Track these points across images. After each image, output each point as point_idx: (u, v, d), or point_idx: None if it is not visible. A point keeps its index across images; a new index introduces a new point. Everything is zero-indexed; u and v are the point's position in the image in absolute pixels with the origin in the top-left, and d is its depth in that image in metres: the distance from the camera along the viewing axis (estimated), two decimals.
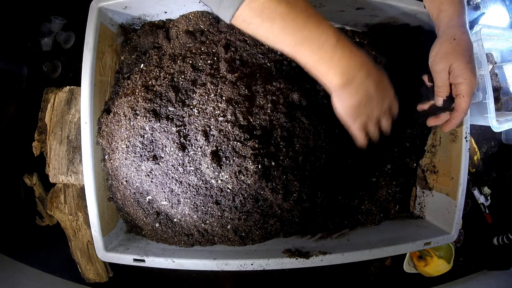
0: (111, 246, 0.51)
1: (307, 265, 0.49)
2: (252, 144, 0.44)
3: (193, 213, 0.48)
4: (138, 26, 0.56)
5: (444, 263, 0.69)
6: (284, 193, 0.47)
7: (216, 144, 0.45)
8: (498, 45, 0.76)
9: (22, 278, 0.66)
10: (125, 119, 0.48)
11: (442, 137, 0.59)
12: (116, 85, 0.55)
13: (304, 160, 0.48)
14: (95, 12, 0.49)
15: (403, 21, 0.56)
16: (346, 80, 0.37)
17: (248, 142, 0.44)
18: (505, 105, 0.78)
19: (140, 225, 0.54)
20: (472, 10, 0.80)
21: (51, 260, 0.68)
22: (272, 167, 0.46)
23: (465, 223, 0.77)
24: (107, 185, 0.54)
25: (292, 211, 0.50)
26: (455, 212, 0.54)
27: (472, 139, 0.79)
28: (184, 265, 0.48)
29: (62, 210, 0.62)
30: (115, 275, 0.67)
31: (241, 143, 0.44)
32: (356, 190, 0.58)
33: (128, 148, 0.48)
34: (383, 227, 0.59)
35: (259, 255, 0.49)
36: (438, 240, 0.54)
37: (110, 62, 0.54)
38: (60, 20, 0.66)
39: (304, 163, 0.48)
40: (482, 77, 0.64)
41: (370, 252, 0.50)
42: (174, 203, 0.48)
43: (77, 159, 0.61)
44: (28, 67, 0.68)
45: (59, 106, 0.62)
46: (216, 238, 0.52)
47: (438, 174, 0.59)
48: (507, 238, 0.76)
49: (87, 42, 0.49)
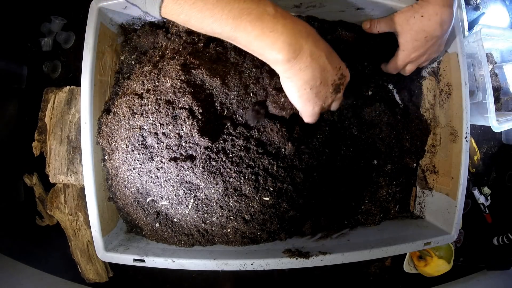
0: (111, 246, 0.51)
1: (307, 265, 0.49)
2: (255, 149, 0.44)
3: (193, 213, 0.48)
4: (138, 26, 0.56)
5: (444, 263, 0.69)
6: (287, 200, 0.47)
7: (217, 145, 0.45)
8: (498, 45, 0.76)
9: (22, 278, 0.66)
10: (125, 119, 0.48)
11: (442, 137, 0.59)
12: (116, 85, 0.55)
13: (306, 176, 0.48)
14: (95, 12, 0.49)
15: None
16: (293, 52, 0.32)
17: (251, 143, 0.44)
18: (505, 105, 0.78)
19: (140, 225, 0.54)
20: (472, 10, 0.80)
21: (51, 260, 0.68)
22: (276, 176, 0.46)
23: (465, 223, 0.77)
24: (107, 185, 0.54)
25: (292, 212, 0.51)
26: (455, 212, 0.54)
27: (472, 139, 0.79)
28: (184, 265, 0.48)
29: (62, 210, 0.62)
30: (115, 275, 0.67)
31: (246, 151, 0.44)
32: (353, 192, 0.58)
33: (128, 148, 0.48)
34: (383, 227, 0.59)
35: (259, 255, 0.49)
36: (438, 240, 0.54)
37: (110, 62, 0.54)
38: (60, 20, 0.66)
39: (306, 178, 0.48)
40: (482, 77, 0.64)
41: (370, 252, 0.50)
42: (174, 203, 0.48)
43: (77, 159, 0.61)
44: (28, 67, 0.68)
45: (59, 106, 0.62)
46: (216, 238, 0.52)
47: (438, 174, 0.59)
48: (507, 238, 0.76)
49: (87, 42, 0.49)
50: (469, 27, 0.77)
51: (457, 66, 0.54)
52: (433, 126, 0.61)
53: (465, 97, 0.53)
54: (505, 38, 0.72)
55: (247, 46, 0.34)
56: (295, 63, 0.34)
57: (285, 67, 0.34)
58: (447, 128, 0.57)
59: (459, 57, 0.53)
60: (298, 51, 0.33)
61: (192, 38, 0.53)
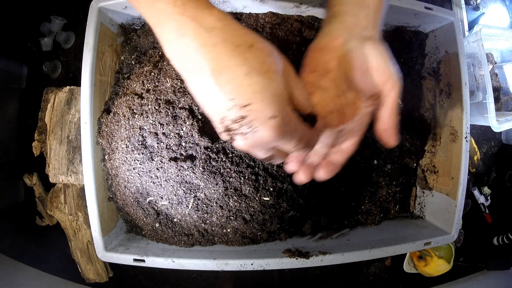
0: (111, 246, 0.51)
1: (307, 265, 0.49)
2: None
3: (193, 213, 0.48)
4: (138, 26, 0.56)
5: (444, 263, 0.69)
6: (288, 200, 0.47)
7: (217, 145, 0.45)
8: (498, 45, 0.76)
9: (22, 278, 0.66)
10: (125, 119, 0.48)
11: (442, 137, 0.59)
12: (116, 85, 0.55)
13: None
14: (95, 12, 0.49)
15: (404, 22, 0.56)
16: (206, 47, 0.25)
17: None
18: (505, 105, 0.78)
19: (140, 225, 0.54)
20: (472, 10, 0.80)
21: (51, 260, 0.68)
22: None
23: (465, 223, 0.77)
24: (107, 185, 0.54)
25: (294, 213, 0.51)
26: (455, 212, 0.54)
27: (472, 139, 0.79)
28: (184, 265, 0.48)
29: (62, 210, 0.62)
30: (115, 275, 0.67)
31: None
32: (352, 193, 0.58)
33: (128, 148, 0.48)
34: (383, 227, 0.59)
35: (259, 255, 0.49)
36: (438, 240, 0.54)
37: (110, 62, 0.54)
38: (60, 20, 0.66)
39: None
40: (482, 77, 0.64)
41: (370, 252, 0.50)
42: (174, 203, 0.48)
43: (77, 159, 0.61)
44: (28, 67, 0.68)
45: (59, 106, 0.62)
46: (216, 238, 0.52)
47: (438, 174, 0.59)
48: (507, 238, 0.76)
49: (87, 42, 0.49)
50: (469, 27, 0.77)
51: (457, 66, 0.54)
52: (433, 126, 0.61)
53: (465, 97, 0.53)
54: (505, 38, 0.72)
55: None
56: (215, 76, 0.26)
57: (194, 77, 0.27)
58: (447, 128, 0.57)
59: (459, 57, 0.53)
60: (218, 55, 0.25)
61: None
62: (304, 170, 0.37)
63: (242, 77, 0.25)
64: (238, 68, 0.25)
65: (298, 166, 0.37)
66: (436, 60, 0.59)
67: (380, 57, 0.33)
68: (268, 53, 0.27)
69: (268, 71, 0.26)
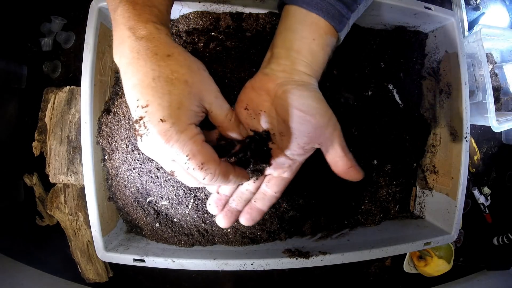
0: (111, 246, 0.51)
1: (307, 265, 0.49)
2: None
3: (193, 213, 0.48)
4: None
5: (444, 263, 0.69)
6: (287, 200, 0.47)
7: None
8: (498, 45, 0.76)
9: (22, 278, 0.66)
10: (125, 119, 0.48)
11: (442, 137, 0.59)
12: (116, 85, 0.55)
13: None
14: (95, 12, 0.49)
15: (404, 22, 0.56)
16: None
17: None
18: (505, 105, 0.78)
19: (140, 225, 0.54)
20: (472, 10, 0.80)
21: (51, 260, 0.68)
22: None
23: (465, 223, 0.77)
24: (107, 185, 0.54)
25: (294, 213, 0.51)
26: (455, 212, 0.54)
27: (472, 139, 0.79)
28: (184, 265, 0.48)
29: (62, 210, 0.62)
30: (115, 275, 0.67)
31: None
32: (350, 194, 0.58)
33: (128, 148, 0.48)
34: (383, 227, 0.59)
35: (259, 255, 0.49)
36: (438, 240, 0.54)
37: (110, 62, 0.54)
38: (60, 20, 0.66)
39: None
40: (482, 77, 0.64)
41: (370, 252, 0.50)
42: (174, 203, 0.48)
43: (77, 159, 0.61)
44: (28, 67, 0.68)
45: (59, 106, 0.62)
46: (216, 238, 0.52)
47: (438, 174, 0.59)
48: (507, 238, 0.76)
49: (87, 42, 0.49)
50: (469, 27, 0.77)
51: (457, 66, 0.54)
52: (433, 126, 0.61)
53: (465, 97, 0.53)
54: (505, 38, 0.72)
55: None
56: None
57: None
58: (447, 128, 0.57)
59: (459, 57, 0.53)
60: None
61: (192, 38, 0.53)
62: (226, 213, 0.36)
63: (150, 81, 0.27)
64: (149, 72, 0.27)
65: (220, 209, 0.36)
66: (436, 60, 0.59)
67: (317, 101, 0.33)
68: (183, 64, 0.29)
69: (176, 79, 0.28)
